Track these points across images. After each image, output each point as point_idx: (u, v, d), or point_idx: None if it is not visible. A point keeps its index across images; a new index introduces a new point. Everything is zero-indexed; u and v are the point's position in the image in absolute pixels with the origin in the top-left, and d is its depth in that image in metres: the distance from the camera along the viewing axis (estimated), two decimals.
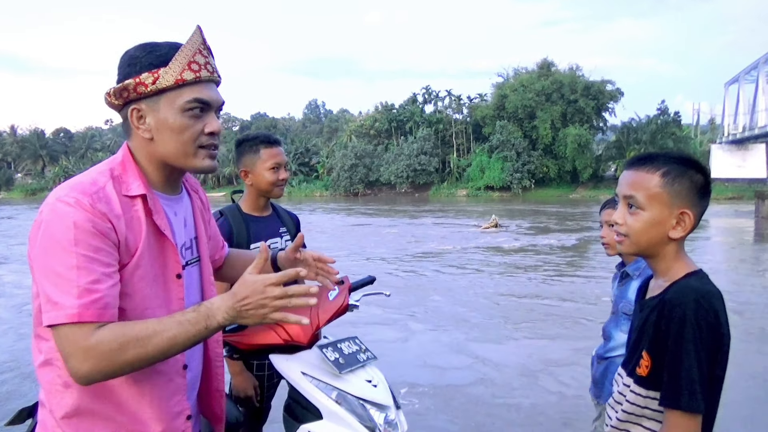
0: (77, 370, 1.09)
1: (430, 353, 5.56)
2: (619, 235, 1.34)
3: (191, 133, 1.24)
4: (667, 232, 1.29)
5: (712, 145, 41.56)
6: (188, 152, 1.25)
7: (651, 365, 1.26)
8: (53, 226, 1.12)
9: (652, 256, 1.34)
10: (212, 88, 1.27)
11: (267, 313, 1.14)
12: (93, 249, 1.11)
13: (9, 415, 1.67)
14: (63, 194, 1.15)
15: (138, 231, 1.21)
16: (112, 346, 1.08)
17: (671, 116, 44.09)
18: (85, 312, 1.08)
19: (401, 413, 1.96)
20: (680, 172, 1.28)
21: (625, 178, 1.34)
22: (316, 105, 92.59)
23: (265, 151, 2.42)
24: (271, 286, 1.12)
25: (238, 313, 1.13)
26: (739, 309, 7.34)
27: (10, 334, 6.69)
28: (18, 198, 54.56)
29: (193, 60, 1.21)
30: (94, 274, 1.10)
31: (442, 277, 10.12)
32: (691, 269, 1.31)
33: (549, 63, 47.01)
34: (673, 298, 1.23)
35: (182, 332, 1.12)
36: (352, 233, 18.73)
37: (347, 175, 47.44)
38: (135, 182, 1.24)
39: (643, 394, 1.28)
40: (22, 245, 15.70)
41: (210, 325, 1.13)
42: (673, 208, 1.28)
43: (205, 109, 1.25)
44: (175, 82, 1.20)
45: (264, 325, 1.91)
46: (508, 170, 42.84)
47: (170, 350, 1.13)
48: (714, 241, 16.60)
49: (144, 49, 1.23)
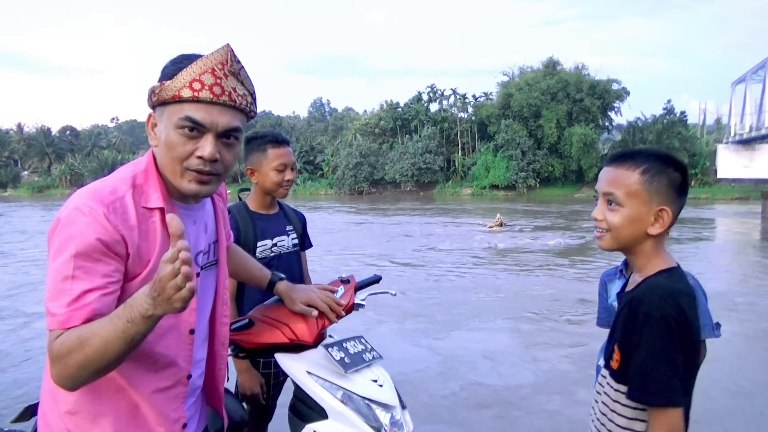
0: (51, 374, 1.12)
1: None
2: (599, 231, 1.37)
3: (180, 152, 1.20)
4: (646, 228, 1.31)
5: (718, 145, 41.19)
6: (175, 171, 1.22)
7: (621, 359, 1.30)
8: (63, 234, 1.13)
9: (631, 252, 1.37)
10: (218, 111, 1.19)
11: (170, 298, 0.98)
12: (93, 260, 1.11)
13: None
14: (81, 202, 1.15)
15: (153, 242, 1.21)
16: (62, 351, 1.08)
17: (677, 116, 43.85)
18: (70, 319, 1.09)
19: (407, 413, 1.95)
20: (659, 170, 1.31)
21: (605, 175, 1.36)
22: (321, 103, 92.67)
23: (273, 151, 2.41)
24: (166, 262, 0.98)
25: (154, 301, 1.00)
26: (743, 309, 7.30)
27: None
28: (25, 195, 54.79)
29: (199, 78, 1.16)
30: (88, 284, 1.11)
31: (444, 276, 10.11)
32: (667, 266, 1.33)
33: (554, 62, 46.81)
34: (640, 296, 1.27)
35: (111, 329, 1.04)
36: (357, 231, 18.73)
37: (352, 173, 47.42)
38: (155, 194, 1.23)
39: (614, 387, 1.33)
40: (8, 244, 15.80)
41: (133, 317, 1.02)
42: (651, 205, 1.30)
43: (199, 131, 1.19)
44: (172, 97, 1.18)
45: (270, 324, 1.93)
46: (513, 169, 42.72)
47: (106, 351, 1.05)
48: (720, 242, 16.52)
49: (174, 60, 1.23)
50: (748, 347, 5.82)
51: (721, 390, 4.46)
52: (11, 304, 8.20)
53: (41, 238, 17.29)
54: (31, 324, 6.95)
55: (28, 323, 7.02)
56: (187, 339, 1.31)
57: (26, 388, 4.73)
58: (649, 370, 1.23)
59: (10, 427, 3.64)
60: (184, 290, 0.98)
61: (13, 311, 7.74)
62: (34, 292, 8.91)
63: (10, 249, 15.00)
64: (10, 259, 13.09)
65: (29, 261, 12.58)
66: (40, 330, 6.53)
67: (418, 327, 6.57)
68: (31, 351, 5.81)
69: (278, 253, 2.49)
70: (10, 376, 5.08)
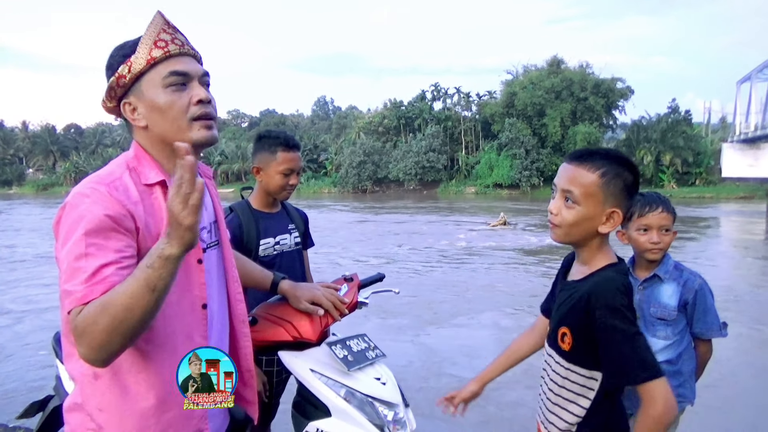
0: (79, 353, 1.09)
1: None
2: (553, 224, 1.44)
3: (179, 106, 1.25)
4: (597, 227, 1.39)
5: (723, 144, 41.00)
6: (182, 127, 1.26)
7: (572, 342, 1.40)
8: (70, 218, 1.15)
9: (579, 246, 1.46)
10: (188, 61, 1.29)
11: (179, 215, 1.02)
12: (103, 236, 1.13)
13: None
14: (81, 187, 1.19)
15: (159, 217, 1.24)
16: (87, 321, 1.06)
17: (682, 114, 43.72)
18: (89, 294, 1.08)
19: (410, 411, 1.96)
20: (616, 173, 1.37)
21: (565, 172, 1.42)
22: (325, 102, 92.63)
23: (282, 155, 2.41)
24: (174, 194, 1.02)
25: (168, 237, 1.03)
26: (749, 310, 7.28)
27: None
28: (29, 193, 55.03)
29: (158, 38, 1.24)
30: (102, 260, 1.11)
31: (445, 275, 10.11)
32: (612, 260, 1.43)
33: (559, 60, 46.72)
34: (598, 290, 1.35)
35: (133, 282, 1.04)
36: (360, 230, 18.74)
37: (355, 171, 47.44)
38: (151, 171, 1.27)
39: (565, 366, 1.43)
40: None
41: (152, 263, 1.03)
42: (605, 206, 1.38)
43: (186, 82, 1.27)
44: (147, 62, 1.24)
45: (274, 322, 1.93)
46: (516, 168, 42.67)
47: (133, 306, 1.03)
48: (724, 240, 16.47)
49: (115, 49, 1.29)
50: (754, 346, 5.81)
51: (724, 390, 4.45)
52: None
53: (33, 234, 17.54)
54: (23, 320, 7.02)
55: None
56: (201, 314, 1.32)
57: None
58: (628, 354, 1.30)
59: (15, 423, 3.67)
60: (184, 204, 1.01)
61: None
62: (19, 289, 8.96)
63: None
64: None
65: (17, 260, 12.66)
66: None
67: (403, 323, 6.65)
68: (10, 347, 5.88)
69: (281, 252, 2.49)
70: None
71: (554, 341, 1.47)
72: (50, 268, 11.10)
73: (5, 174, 60.76)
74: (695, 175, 40.28)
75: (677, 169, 39.86)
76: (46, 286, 9.05)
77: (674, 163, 39.72)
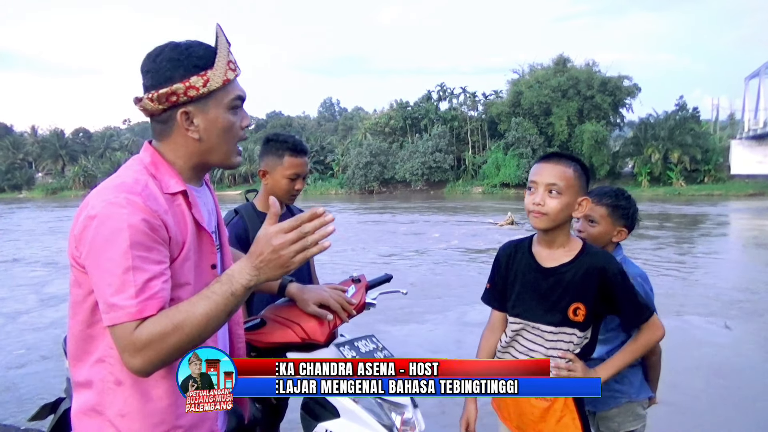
0: (130, 365, 1.13)
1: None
2: (539, 214, 1.71)
3: (236, 129, 1.31)
4: (571, 212, 1.72)
5: (731, 141, 40.83)
6: (231, 149, 1.32)
7: (586, 313, 1.71)
8: (107, 229, 1.13)
9: (556, 231, 1.74)
10: (239, 84, 1.33)
11: (287, 261, 1.14)
12: (146, 248, 1.14)
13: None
14: (112, 196, 1.16)
15: (184, 224, 1.25)
16: (155, 337, 1.10)
17: (690, 112, 43.36)
18: (144, 309, 1.11)
19: (418, 412, 1.96)
20: (582, 169, 1.74)
21: (547, 170, 1.71)
22: (331, 103, 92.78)
23: (289, 159, 2.40)
24: (282, 233, 1.13)
25: (259, 270, 1.15)
26: (755, 309, 7.22)
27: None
28: (39, 197, 55.36)
29: (230, 59, 1.27)
30: (149, 273, 1.13)
31: (446, 273, 10.08)
32: (581, 240, 1.80)
33: (565, 59, 46.49)
34: (608, 263, 1.73)
35: (211, 305, 1.13)
36: (367, 231, 18.73)
37: (362, 172, 47.42)
38: (171, 180, 1.27)
39: (579, 335, 1.73)
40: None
41: (236, 290, 1.14)
42: (578, 196, 1.72)
43: (241, 105, 1.32)
44: (223, 82, 1.26)
45: (282, 323, 1.94)
46: (524, 167, 42.45)
47: (207, 327, 1.14)
48: (733, 238, 16.34)
49: (179, 51, 1.25)
50: (761, 341, 5.77)
51: (730, 390, 4.42)
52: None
53: (27, 238, 17.66)
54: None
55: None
56: None
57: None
58: (638, 303, 1.74)
59: (27, 425, 3.69)
60: (301, 255, 1.14)
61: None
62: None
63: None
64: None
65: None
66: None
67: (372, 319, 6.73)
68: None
69: None
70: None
71: (557, 318, 1.73)
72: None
73: (15, 178, 61.16)
74: (704, 172, 39.97)
75: (685, 166, 39.55)
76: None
77: (682, 161, 39.43)
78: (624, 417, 2.11)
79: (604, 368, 1.77)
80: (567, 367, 1.72)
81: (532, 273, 1.78)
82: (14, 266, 12.44)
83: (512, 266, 1.84)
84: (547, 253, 1.78)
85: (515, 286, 1.82)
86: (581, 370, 1.72)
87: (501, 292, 1.88)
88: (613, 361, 1.80)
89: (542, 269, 1.77)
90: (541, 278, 1.76)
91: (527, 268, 1.80)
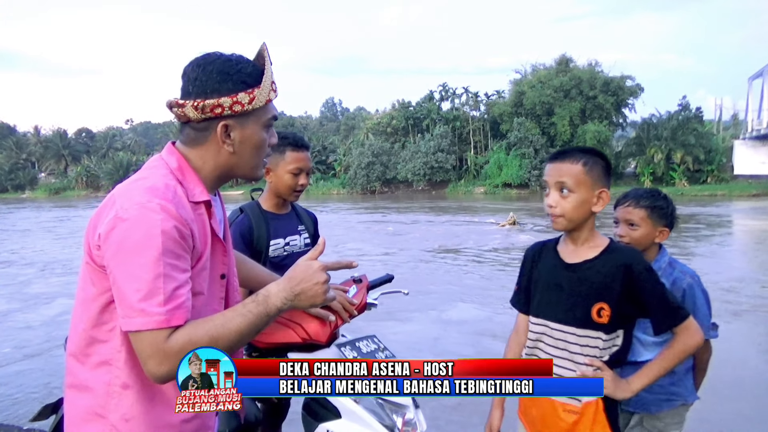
0: (155, 372, 1.13)
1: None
2: (555, 216, 1.66)
3: (265, 147, 1.35)
4: (591, 208, 1.65)
5: (735, 141, 40.72)
6: (258, 165, 1.36)
7: (611, 314, 1.60)
8: (139, 233, 1.13)
9: (578, 229, 1.68)
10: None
11: (319, 296, 1.23)
12: (175, 256, 1.15)
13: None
14: (146, 200, 1.15)
15: (204, 234, 1.26)
16: (185, 348, 1.11)
17: (693, 112, 43.27)
18: (172, 318, 1.12)
19: (420, 412, 1.95)
20: (594, 161, 1.65)
21: (553, 170, 1.67)
22: (333, 103, 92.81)
23: (291, 154, 2.41)
24: (326, 269, 1.24)
25: (295, 296, 1.21)
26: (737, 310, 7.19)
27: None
28: (42, 197, 55.49)
29: (272, 79, 1.31)
30: (177, 281, 1.14)
31: (449, 271, 10.08)
32: (608, 237, 1.73)
33: (567, 59, 46.44)
34: (634, 259, 1.63)
35: (246, 323, 1.17)
36: (368, 231, 18.74)
37: (364, 172, 47.42)
38: (197, 188, 1.28)
39: (604, 338, 1.62)
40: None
41: (270, 311, 1.20)
42: (594, 189, 1.64)
43: (272, 124, 1.36)
44: (266, 101, 1.30)
45: (283, 323, 1.94)
46: (526, 167, 42.47)
47: (239, 342, 1.18)
48: (736, 239, 16.30)
49: (229, 65, 1.26)
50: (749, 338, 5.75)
51: (737, 392, 4.41)
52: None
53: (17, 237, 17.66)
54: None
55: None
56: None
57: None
58: (668, 303, 1.61)
59: (29, 425, 3.70)
60: (330, 293, 1.26)
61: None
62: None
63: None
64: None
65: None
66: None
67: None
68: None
69: (290, 252, 2.50)
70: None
71: (581, 319, 1.64)
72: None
73: (18, 178, 61.32)
74: (707, 172, 39.88)
75: (688, 167, 39.48)
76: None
77: (685, 161, 39.35)
78: (672, 419, 2.11)
79: (638, 378, 1.65)
80: (595, 375, 1.60)
81: (556, 270, 1.72)
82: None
83: (537, 265, 1.79)
84: (572, 250, 1.71)
85: (539, 285, 1.76)
86: (610, 378, 1.60)
87: (526, 294, 1.82)
88: (647, 370, 1.66)
89: (565, 265, 1.70)
90: (564, 274, 1.69)
91: (551, 265, 1.74)
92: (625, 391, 1.62)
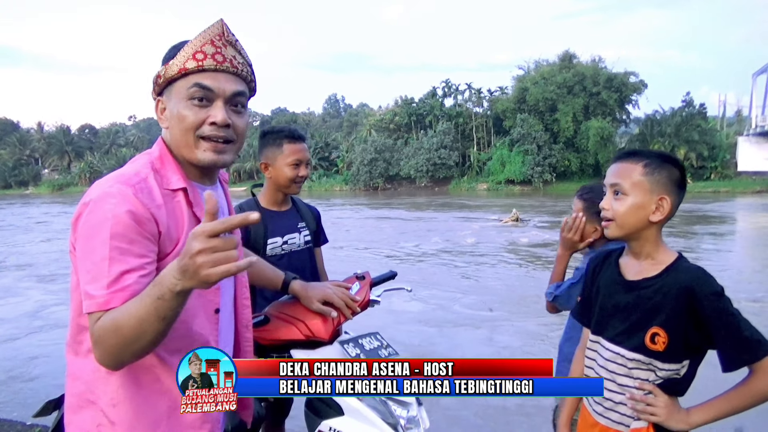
0: (95, 355, 1.12)
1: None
2: (606, 220, 1.50)
3: (191, 121, 1.23)
4: (648, 216, 1.45)
5: (738, 138, 40.53)
6: (189, 143, 1.25)
7: (668, 341, 1.41)
8: (94, 217, 1.14)
9: (635, 239, 1.50)
10: (223, 78, 1.23)
11: (197, 271, 0.96)
12: (128, 240, 1.13)
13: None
14: (107, 186, 1.17)
15: (181, 221, 1.24)
16: (101, 334, 1.09)
17: (696, 108, 43.15)
18: (110, 301, 1.09)
19: (423, 409, 1.95)
20: (659, 165, 1.46)
21: (612, 170, 1.52)
22: (336, 99, 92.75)
23: (288, 146, 2.40)
24: (205, 236, 0.95)
25: (183, 275, 0.97)
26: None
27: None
28: (45, 193, 55.65)
29: (200, 50, 1.21)
30: (126, 265, 1.11)
31: (449, 271, 10.08)
32: (677, 253, 1.50)
33: (570, 55, 46.33)
34: (699, 281, 1.40)
35: (144, 308, 1.03)
36: (371, 227, 18.74)
37: (367, 169, 47.42)
38: (174, 176, 1.26)
39: (661, 367, 1.43)
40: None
41: (163, 294, 1.00)
42: (653, 195, 1.45)
43: (209, 98, 1.22)
44: (179, 71, 1.22)
45: (286, 320, 1.93)
46: (529, 164, 42.41)
47: (142, 330, 1.04)
48: (740, 236, 16.25)
49: (171, 47, 1.28)
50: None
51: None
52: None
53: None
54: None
55: None
56: (213, 318, 1.33)
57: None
58: (742, 335, 1.36)
59: (33, 421, 3.71)
60: (223, 268, 0.95)
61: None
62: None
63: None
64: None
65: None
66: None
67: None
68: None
69: (288, 251, 2.47)
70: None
71: (633, 342, 1.46)
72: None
73: (22, 174, 61.54)
74: (710, 169, 39.78)
75: (692, 163, 39.37)
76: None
77: (689, 158, 39.24)
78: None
79: (700, 411, 1.43)
80: (645, 400, 1.43)
81: (613, 285, 1.56)
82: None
83: (598, 277, 1.63)
84: (633, 265, 1.53)
85: (597, 299, 1.60)
86: (663, 405, 1.42)
87: (587, 306, 1.66)
88: (714, 404, 1.43)
89: (623, 282, 1.53)
90: (621, 292, 1.52)
91: (610, 279, 1.57)
92: (680, 423, 1.43)
